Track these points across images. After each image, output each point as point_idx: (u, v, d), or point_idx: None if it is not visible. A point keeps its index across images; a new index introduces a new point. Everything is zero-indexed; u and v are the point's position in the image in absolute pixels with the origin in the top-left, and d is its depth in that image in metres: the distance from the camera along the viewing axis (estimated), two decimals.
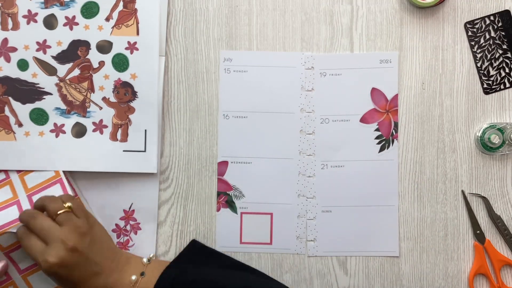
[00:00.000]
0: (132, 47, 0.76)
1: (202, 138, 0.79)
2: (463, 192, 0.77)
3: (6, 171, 0.75)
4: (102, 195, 0.78)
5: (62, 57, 0.75)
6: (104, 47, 0.76)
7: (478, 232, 0.77)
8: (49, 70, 0.75)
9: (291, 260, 0.79)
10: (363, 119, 0.77)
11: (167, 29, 0.78)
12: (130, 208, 0.78)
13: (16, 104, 0.75)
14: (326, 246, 0.78)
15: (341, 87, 0.77)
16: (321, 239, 0.78)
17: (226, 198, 0.78)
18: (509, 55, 0.77)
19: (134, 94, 0.76)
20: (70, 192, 0.74)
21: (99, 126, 0.76)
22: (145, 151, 0.76)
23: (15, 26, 0.71)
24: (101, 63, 0.76)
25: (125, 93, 0.75)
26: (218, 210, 0.78)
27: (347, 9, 0.77)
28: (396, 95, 0.77)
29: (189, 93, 0.79)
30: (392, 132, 0.77)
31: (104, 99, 0.76)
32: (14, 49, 0.72)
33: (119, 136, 0.76)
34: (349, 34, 0.78)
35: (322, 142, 0.77)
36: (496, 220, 0.76)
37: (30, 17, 0.71)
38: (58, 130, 0.76)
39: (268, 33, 0.78)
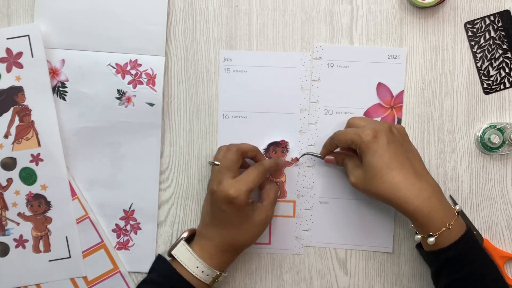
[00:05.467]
0: (36, 159, 0.76)
1: (202, 138, 0.79)
2: (450, 196, 0.77)
3: None
4: (102, 195, 0.78)
5: None
6: (9, 164, 0.77)
7: (474, 233, 0.77)
8: None
9: (291, 260, 0.79)
10: (367, 113, 0.77)
11: (167, 29, 0.78)
12: (130, 208, 0.79)
13: None
14: (320, 237, 0.78)
15: (347, 79, 0.77)
16: (316, 229, 0.78)
17: None
18: (509, 55, 0.77)
19: (48, 204, 0.77)
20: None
21: (20, 242, 0.78)
22: (70, 257, 0.78)
23: None
24: (9, 180, 0.77)
25: (39, 205, 0.77)
26: None
27: (347, 9, 0.77)
28: (402, 92, 0.77)
29: (189, 93, 0.79)
30: None
31: (19, 214, 0.77)
32: None
33: (41, 247, 0.78)
34: (349, 34, 0.78)
35: (325, 133, 0.77)
36: None
37: None
38: None
39: (268, 33, 0.78)
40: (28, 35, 0.76)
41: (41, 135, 0.76)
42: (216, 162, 0.73)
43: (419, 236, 0.68)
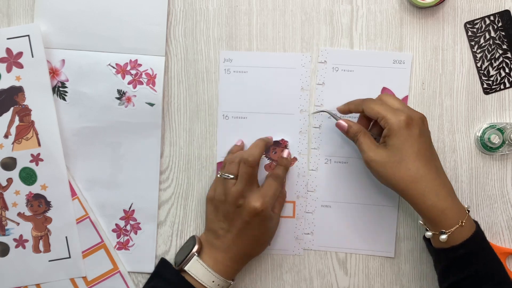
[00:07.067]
0: (36, 159, 0.76)
1: (202, 138, 0.79)
2: None
3: None
4: (102, 195, 0.78)
5: None
6: (9, 164, 0.77)
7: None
8: None
9: (291, 260, 0.79)
10: None
11: (167, 29, 0.78)
12: (130, 208, 0.78)
13: None
14: (322, 240, 0.78)
15: (352, 83, 0.77)
16: (318, 233, 0.78)
17: None
18: (509, 55, 0.77)
19: (48, 204, 0.77)
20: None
21: (20, 242, 0.78)
22: (69, 257, 0.78)
23: None
24: (9, 180, 0.77)
25: (39, 205, 0.77)
26: None
27: (347, 9, 0.77)
28: (406, 97, 0.77)
29: (189, 93, 0.79)
30: None
31: (19, 214, 0.77)
32: None
33: (41, 247, 0.78)
34: (349, 34, 0.78)
35: (328, 136, 0.77)
36: None
37: None
38: None
39: (268, 33, 0.78)
40: (28, 35, 0.76)
41: (41, 135, 0.76)
42: (230, 176, 0.72)
43: (430, 233, 0.68)
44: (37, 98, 0.76)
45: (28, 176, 0.77)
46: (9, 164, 0.77)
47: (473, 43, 0.77)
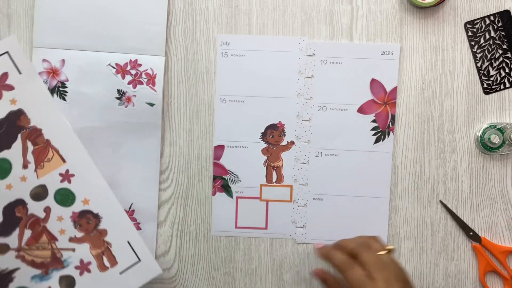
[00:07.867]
0: (66, 176, 0.72)
1: (202, 138, 0.79)
2: (440, 201, 0.77)
3: None
4: None
5: (2, 230, 0.71)
6: (39, 193, 0.72)
7: (471, 233, 0.77)
8: (1, 249, 0.71)
9: (291, 260, 0.79)
10: (361, 110, 0.77)
11: (167, 29, 0.78)
12: (130, 208, 0.78)
13: None
14: (315, 233, 0.79)
15: (341, 75, 0.78)
16: (311, 226, 0.78)
17: (222, 182, 0.79)
18: (509, 55, 0.77)
19: (96, 217, 0.73)
20: None
21: (83, 267, 0.72)
22: (140, 260, 0.73)
23: None
24: (47, 209, 0.71)
25: (88, 222, 0.72)
26: (213, 194, 0.78)
27: (347, 9, 0.77)
28: (395, 88, 0.77)
29: (189, 93, 0.79)
30: (389, 124, 0.77)
31: (71, 239, 0.72)
32: None
33: (107, 263, 0.72)
34: (349, 34, 0.78)
35: (318, 129, 0.78)
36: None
37: None
38: None
39: (268, 33, 0.78)
40: (7, 52, 0.71)
41: (62, 151, 0.72)
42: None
43: None
44: (41, 114, 0.72)
45: (65, 197, 0.72)
46: (39, 193, 0.71)
47: (473, 43, 0.77)
